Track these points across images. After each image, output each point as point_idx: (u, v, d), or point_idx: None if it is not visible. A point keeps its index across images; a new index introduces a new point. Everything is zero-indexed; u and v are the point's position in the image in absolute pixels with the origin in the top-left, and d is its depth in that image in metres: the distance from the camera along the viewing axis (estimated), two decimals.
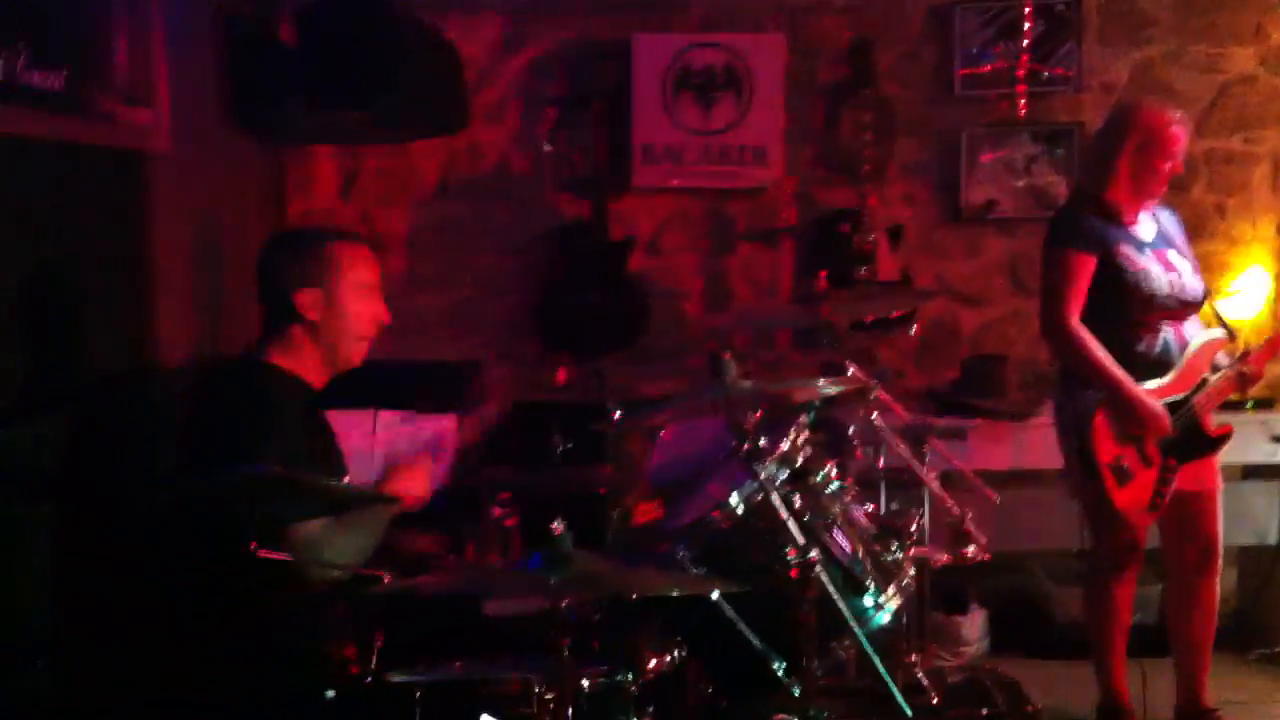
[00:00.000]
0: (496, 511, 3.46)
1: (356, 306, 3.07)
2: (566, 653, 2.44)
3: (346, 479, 3.11)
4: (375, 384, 3.47)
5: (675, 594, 2.82)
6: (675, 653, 2.89)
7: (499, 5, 5.31)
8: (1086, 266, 3.89)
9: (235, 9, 4.61)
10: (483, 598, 2.95)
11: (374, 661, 2.65)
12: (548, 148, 5.35)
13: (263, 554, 2.53)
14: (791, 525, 2.89)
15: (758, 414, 3.10)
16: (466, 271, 5.39)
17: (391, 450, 3.92)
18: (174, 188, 4.01)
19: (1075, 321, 3.88)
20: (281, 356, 3.02)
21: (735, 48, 5.29)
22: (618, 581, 2.60)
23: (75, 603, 3.27)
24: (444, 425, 4.13)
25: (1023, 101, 5.23)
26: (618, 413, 3.59)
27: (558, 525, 2.49)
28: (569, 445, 3.65)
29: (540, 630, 2.53)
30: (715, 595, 2.91)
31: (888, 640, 3.13)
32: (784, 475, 3.07)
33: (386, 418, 4.00)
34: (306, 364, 3.04)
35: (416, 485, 3.16)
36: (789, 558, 2.86)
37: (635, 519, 3.78)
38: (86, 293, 3.54)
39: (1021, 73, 5.25)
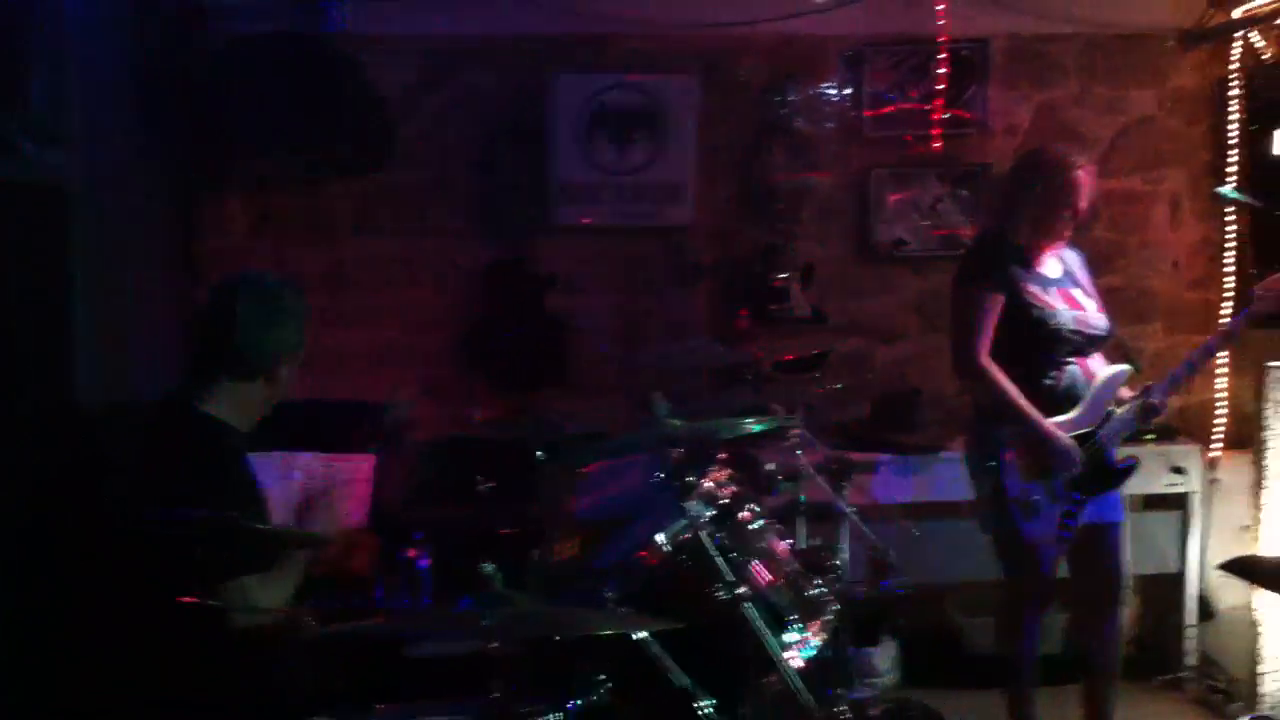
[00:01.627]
0: (410, 552, 3.46)
1: None
2: (497, 694, 2.44)
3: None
4: (293, 425, 3.44)
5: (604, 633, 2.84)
6: (602, 692, 2.90)
7: (418, 44, 5.31)
8: (995, 305, 3.99)
9: (151, 50, 4.57)
10: (414, 641, 2.94)
11: (301, 705, 2.63)
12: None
13: (194, 601, 2.51)
14: (719, 562, 2.93)
15: (684, 452, 3.14)
16: (386, 310, 5.36)
17: (307, 492, 3.89)
18: (88, 225, 3.96)
19: (986, 358, 3.97)
20: (213, 403, 2.99)
21: (650, 88, 5.35)
22: (550, 622, 2.61)
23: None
24: (361, 465, 4.10)
25: (936, 144, 5.36)
26: (542, 452, 3.60)
27: (487, 566, 2.49)
28: (492, 484, 3.65)
29: (465, 671, 2.52)
30: (642, 634, 2.93)
31: (810, 674, 3.17)
32: (710, 513, 3.11)
33: (301, 460, 3.97)
34: (236, 412, 3.01)
35: (337, 528, 3.15)
36: (717, 595, 2.90)
37: (556, 557, 3.79)
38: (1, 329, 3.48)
39: (929, 115, 5.38)
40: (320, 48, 4.59)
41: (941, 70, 5.35)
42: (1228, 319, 4.07)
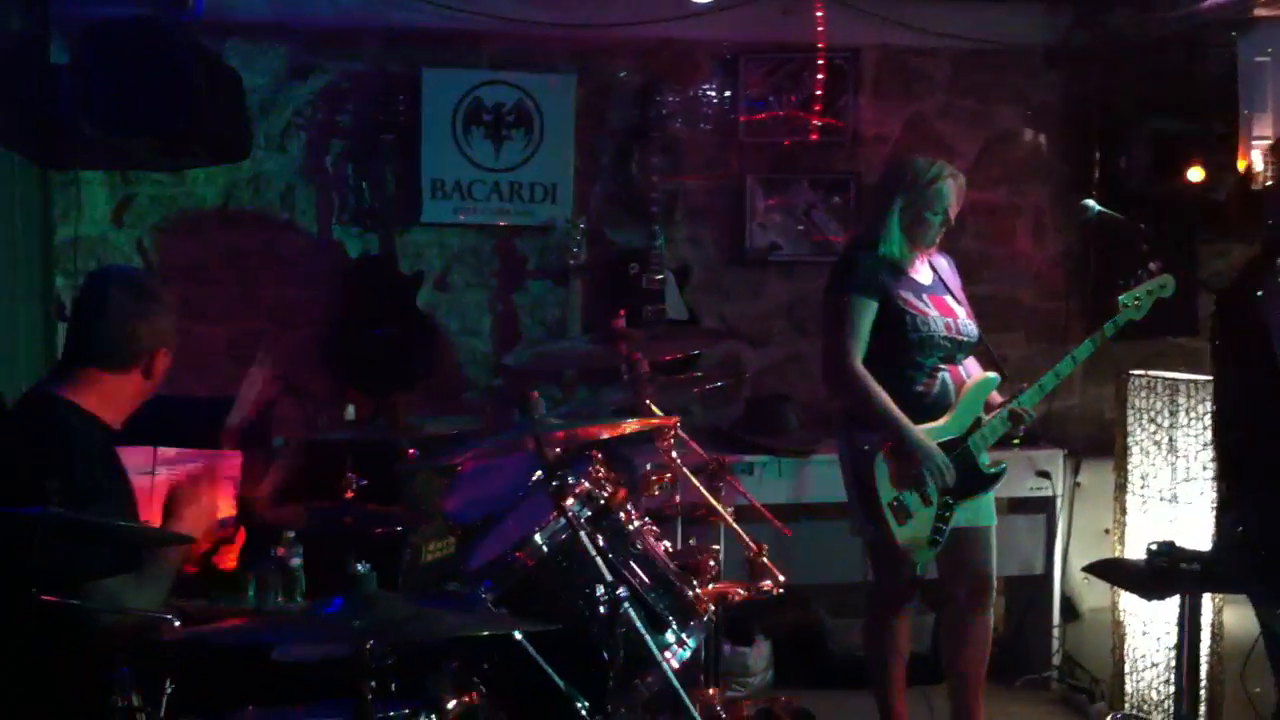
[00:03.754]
0: (280, 551, 3.37)
1: None
2: (369, 697, 2.38)
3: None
4: (157, 420, 3.32)
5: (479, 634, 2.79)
6: (476, 693, 2.85)
7: (287, 33, 5.18)
8: (867, 311, 4.01)
9: (8, 34, 4.38)
10: (283, 644, 2.85)
11: (163, 709, 2.53)
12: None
13: (48, 600, 2.39)
14: (598, 563, 2.89)
15: (561, 452, 3.10)
16: (253, 303, 5.22)
17: (174, 488, 3.76)
18: None
19: (857, 365, 3.99)
20: (82, 396, 2.89)
21: (526, 86, 5.32)
22: (424, 624, 2.55)
23: None
24: (227, 462, 3.98)
25: (810, 151, 5.41)
26: (413, 450, 3.53)
27: (360, 566, 2.43)
28: (362, 483, 3.57)
29: (336, 674, 2.46)
30: (518, 635, 2.89)
31: (687, 675, 3.15)
32: (588, 513, 3.08)
33: (166, 455, 3.83)
34: (107, 405, 2.91)
35: (202, 526, 3.05)
36: (595, 595, 2.86)
37: (427, 557, 3.72)
38: None
39: (803, 122, 5.43)
40: (181, 33, 4.46)
41: (815, 78, 5.40)
42: (1091, 328, 4.19)
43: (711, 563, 3.38)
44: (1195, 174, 5.13)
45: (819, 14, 5.32)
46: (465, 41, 5.31)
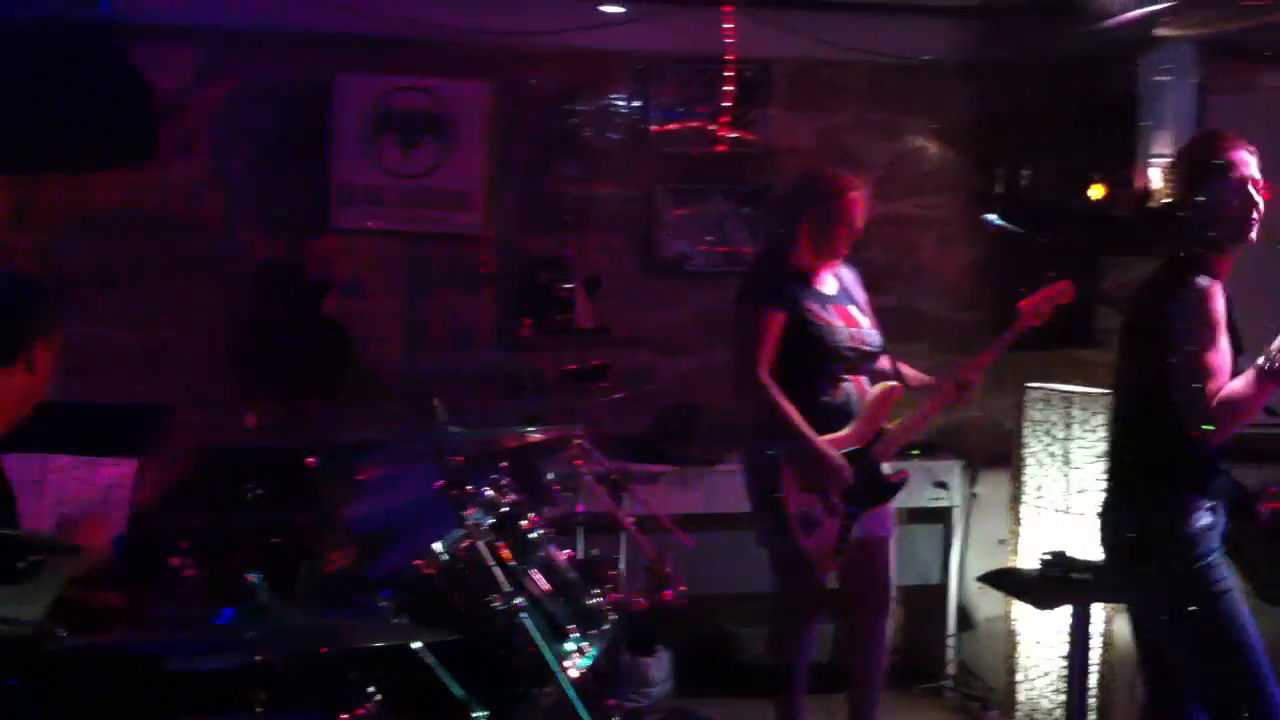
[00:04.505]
0: (175, 561, 3.33)
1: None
2: (261, 710, 2.36)
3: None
4: (52, 427, 3.26)
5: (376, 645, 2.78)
6: (373, 704, 2.84)
7: (197, 35, 5.12)
8: (776, 322, 4.06)
9: None
10: (174, 656, 2.82)
11: None
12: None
13: None
14: (497, 572, 2.90)
15: (465, 461, 3.10)
16: (157, 309, 5.14)
17: (63, 498, 3.69)
18: None
19: (765, 375, 4.04)
20: None
21: (439, 92, 5.30)
22: (319, 634, 2.54)
23: None
24: (121, 470, 3.92)
25: (720, 162, 5.44)
26: (317, 458, 3.51)
27: (252, 576, 2.41)
28: (260, 490, 3.54)
29: (230, 686, 2.44)
30: (417, 644, 2.88)
31: (587, 684, 3.16)
32: (489, 522, 3.09)
33: (58, 463, 3.78)
34: None
35: (94, 535, 3.00)
36: (495, 605, 2.87)
37: (329, 566, 3.69)
38: None
39: (715, 133, 5.46)
40: (86, 34, 4.40)
41: (727, 89, 5.44)
42: (993, 338, 4.27)
43: (612, 572, 3.39)
44: (1096, 191, 5.23)
45: (732, 27, 5.35)
46: (378, 47, 5.27)
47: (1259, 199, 3.18)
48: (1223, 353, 3.06)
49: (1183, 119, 5.12)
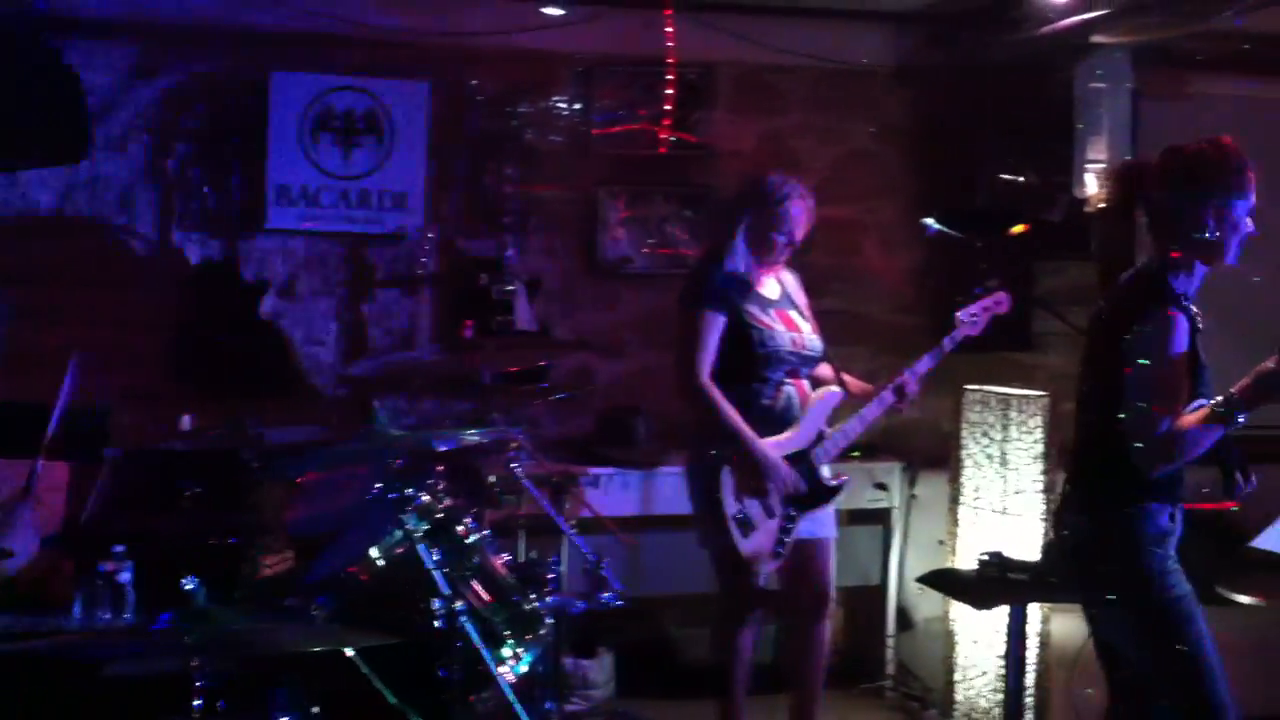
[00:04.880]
0: (109, 565, 3.28)
1: None
2: (196, 715, 2.33)
3: None
4: None
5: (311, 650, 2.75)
6: (309, 710, 2.81)
7: (132, 31, 5.04)
8: (716, 325, 4.07)
9: None
10: (108, 660, 2.78)
11: None
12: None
13: None
14: (435, 577, 2.88)
15: (403, 465, 3.08)
16: (90, 310, 5.04)
17: None
18: None
19: (705, 378, 4.04)
20: None
21: (378, 92, 5.25)
22: (255, 640, 2.51)
23: None
24: (53, 472, 3.87)
25: (663, 165, 5.44)
26: (254, 461, 3.47)
27: (189, 581, 2.38)
28: (196, 492, 3.50)
29: (165, 691, 2.40)
30: (351, 651, 2.86)
31: (525, 688, 3.15)
32: (426, 526, 3.06)
33: None
34: None
35: (24, 535, 2.96)
36: (432, 610, 2.85)
37: (266, 571, 3.65)
38: None
39: (657, 136, 5.46)
40: (17, 30, 4.31)
41: (669, 92, 5.44)
42: (934, 343, 4.30)
43: (551, 575, 3.37)
44: (1032, 195, 5.29)
45: (674, 30, 5.35)
46: (317, 45, 5.21)
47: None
48: (1175, 390, 3.02)
49: (1118, 125, 5.20)
